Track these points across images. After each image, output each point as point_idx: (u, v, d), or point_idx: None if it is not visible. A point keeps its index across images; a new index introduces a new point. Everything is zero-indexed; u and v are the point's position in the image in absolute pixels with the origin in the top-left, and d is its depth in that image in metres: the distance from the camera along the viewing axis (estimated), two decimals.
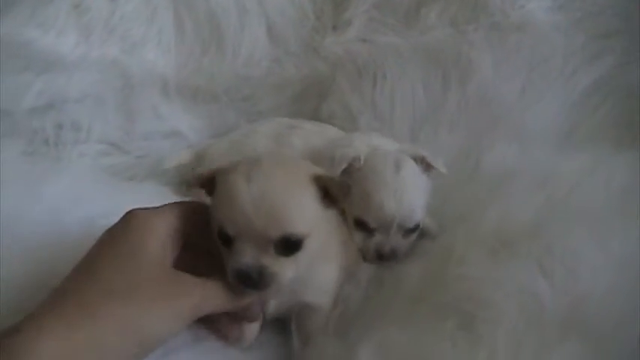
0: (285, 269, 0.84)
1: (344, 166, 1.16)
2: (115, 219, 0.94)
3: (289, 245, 0.83)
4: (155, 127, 1.54)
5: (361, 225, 1.16)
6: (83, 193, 1.27)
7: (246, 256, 0.82)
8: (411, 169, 1.17)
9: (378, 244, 1.16)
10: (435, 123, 1.38)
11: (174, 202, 0.87)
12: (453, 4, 1.45)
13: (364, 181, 1.16)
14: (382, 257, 1.15)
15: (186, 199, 1.33)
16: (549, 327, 0.81)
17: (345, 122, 1.47)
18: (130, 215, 0.81)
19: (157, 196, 1.37)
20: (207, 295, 0.78)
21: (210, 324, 0.89)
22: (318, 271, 0.96)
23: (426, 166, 1.19)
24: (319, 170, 0.89)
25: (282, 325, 1.03)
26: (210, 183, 0.88)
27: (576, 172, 1.15)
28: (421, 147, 1.25)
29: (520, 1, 1.37)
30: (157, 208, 0.83)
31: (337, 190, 0.86)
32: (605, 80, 1.34)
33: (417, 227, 1.17)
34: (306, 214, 0.84)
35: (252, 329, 0.96)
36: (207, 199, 0.90)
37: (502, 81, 1.37)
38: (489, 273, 0.91)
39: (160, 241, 0.79)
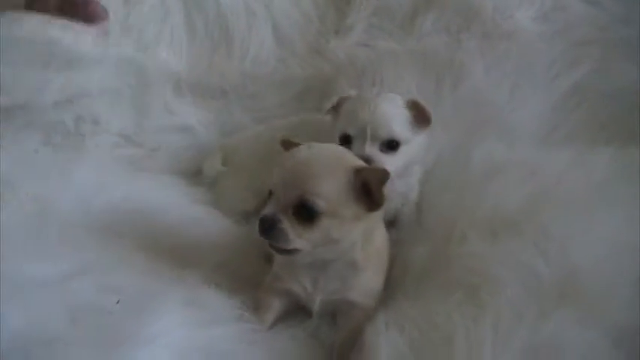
0: (297, 234, 0.94)
1: (334, 101, 1.31)
2: (137, 204, 1.04)
3: (305, 210, 0.93)
4: (167, 121, 1.63)
5: (343, 140, 1.24)
6: (106, 180, 1.36)
7: (268, 209, 0.95)
8: (390, 96, 1.28)
9: (355, 153, 1.20)
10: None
11: None
12: (447, 13, 1.58)
13: (348, 107, 1.27)
14: None
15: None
16: (546, 296, 0.91)
17: None
18: None
19: (172, 186, 1.47)
20: None
21: None
22: (366, 277, 1.06)
23: (416, 112, 1.26)
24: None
25: None
26: None
27: (560, 166, 1.27)
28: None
29: (509, 12, 1.50)
30: None
31: (374, 176, 0.96)
32: (583, 84, 1.47)
33: (394, 143, 1.23)
34: (332, 192, 0.94)
35: None
36: None
37: (491, 84, 1.49)
38: (491, 251, 1.03)
39: None
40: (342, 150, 1.06)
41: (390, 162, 1.21)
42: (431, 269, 1.10)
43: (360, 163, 1.01)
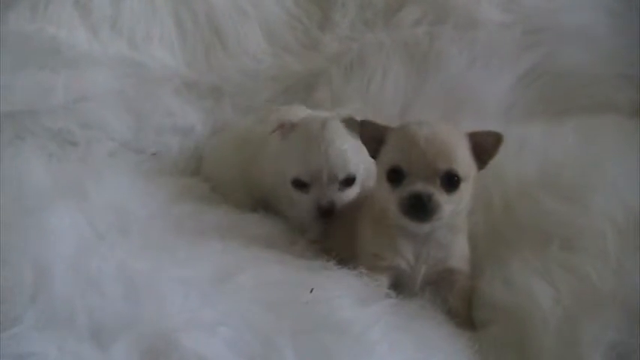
0: (446, 204, 1.01)
1: (275, 127, 1.29)
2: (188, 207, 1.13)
3: (452, 181, 1.01)
4: (166, 123, 1.57)
5: (297, 184, 1.26)
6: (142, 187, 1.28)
7: (418, 185, 1.00)
8: (336, 127, 1.26)
9: (315, 199, 1.24)
10: (418, 104, 1.63)
11: None
12: (424, 6, 1.71)
13: (296, 143, 1.27)
14: (322, 212, 1.24)
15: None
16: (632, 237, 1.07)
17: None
18: None
19: (188, 187, 1.42)
20: None
21: None
22: (460, 241, 1.14)
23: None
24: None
25: None
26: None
27: (538, 136, 1.48)
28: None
29: (476, 4, 1.69)
30: None
31: (487, 138, 1.05)
32: (536, 66, 1.69)
33: (352, 180, 1.25)
34: (464, 159, 1.04)
35: None
36: None
37: (465, 68, 1.66)
38: (570, 208, 1.16)
39: None
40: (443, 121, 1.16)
41: (346, 197, 1.27)
42: (503, 231, 1.22)
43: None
